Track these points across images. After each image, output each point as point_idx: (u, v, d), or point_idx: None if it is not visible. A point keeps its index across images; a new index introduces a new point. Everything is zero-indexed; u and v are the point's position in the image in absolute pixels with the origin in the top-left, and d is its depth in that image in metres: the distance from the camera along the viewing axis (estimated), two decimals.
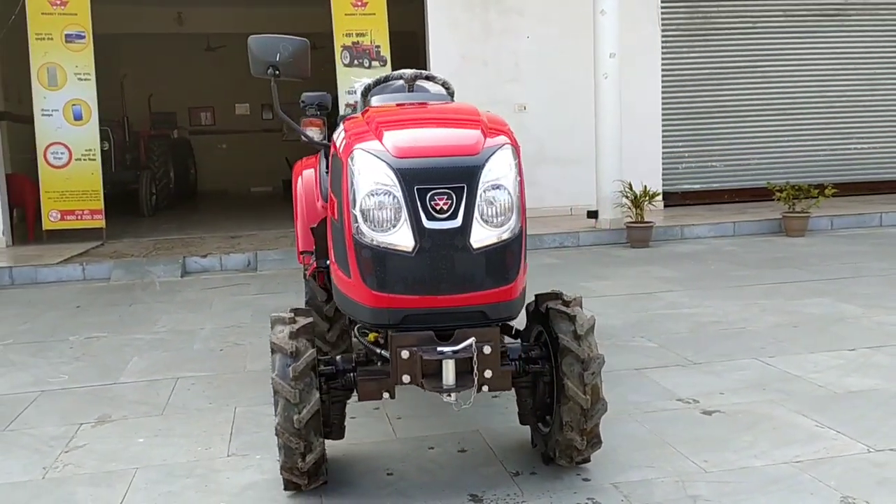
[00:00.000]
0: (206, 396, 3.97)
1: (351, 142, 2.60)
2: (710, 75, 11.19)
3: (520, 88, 10.34)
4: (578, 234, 8.88)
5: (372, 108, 3.04)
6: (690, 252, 8.05)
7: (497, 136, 2.62)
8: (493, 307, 2.55)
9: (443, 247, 2.46)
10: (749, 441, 3.17)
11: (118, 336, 5.32)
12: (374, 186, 2.47)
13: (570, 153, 10.41)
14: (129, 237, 9.85)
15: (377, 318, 2.56)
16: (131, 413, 3.76)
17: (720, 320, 5.16)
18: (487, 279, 2.52)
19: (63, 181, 9.35)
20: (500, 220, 2.52)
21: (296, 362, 2.61)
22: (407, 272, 2.48)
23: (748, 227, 9.29)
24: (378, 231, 2.47)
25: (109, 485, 2.95)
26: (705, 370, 4.12)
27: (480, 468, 3.01)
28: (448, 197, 2.46)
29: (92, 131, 9.46)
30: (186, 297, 6.66)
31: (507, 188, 2.53)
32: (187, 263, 7.97)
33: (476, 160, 2.51)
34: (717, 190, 11.40)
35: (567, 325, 2.77)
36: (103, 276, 7.69)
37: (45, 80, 9.23)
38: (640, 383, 3.93)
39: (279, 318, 2.77)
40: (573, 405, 2.72)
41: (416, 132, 2.71)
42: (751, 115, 11.39)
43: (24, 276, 7.67)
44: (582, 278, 6.80)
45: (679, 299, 5.83)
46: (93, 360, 4.72)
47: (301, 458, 2.63)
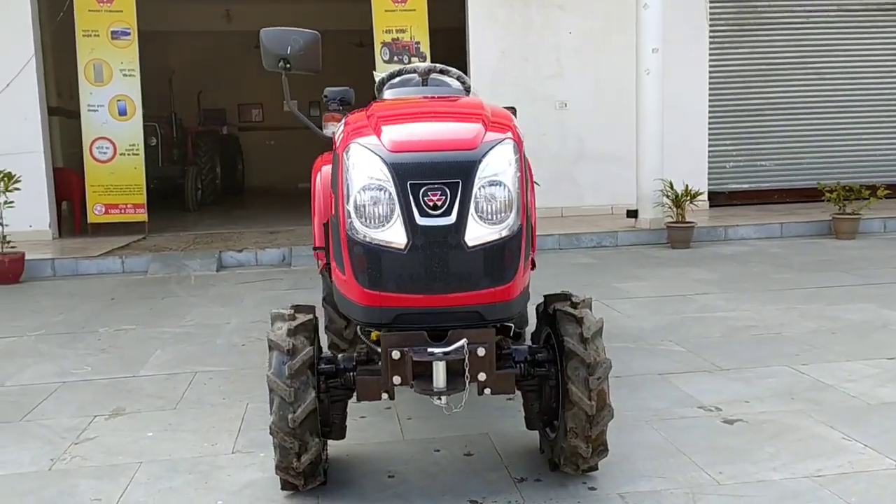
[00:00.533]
0: (221, 392, 3.96)
1: (348, 136, 2.54)
2: (760, 71, 10.87)
3: (560, 85, 10.18)
4: (617, 233, 8.70)
5: (376, 103, 2.97)
6: (733, 254, 7.82)
7: (498, 131, 2.52)
8: (488, 307, 2.45)
9: (436, 244, 2.38)
10: (770, 453, 3.02)
11: (146, 329, 5.36)
12: (368, 181, 2.40)
13: (611, 151, 10.22)
14: (171, 231, 9.99)
15: (369, 316, 2.49)
16: (145, 406, 3.77)
17: (755, 325, 4.98)
18: (483, 278, 2.42)
19: (107, 175, 9.53)
20: (498, 218, 2.41)
21: (292, 360, 2.56)
22: (399, 270, 2.39)
23: (796, 228, 8.99)
24: (371, 227, 2.40)
25: (112, 478, 2.95)
26: (733, 377, 3.96)
27: (484, 473, 2.92)
28: (442, 193, 2.37)
29: (136, 127, 9.63)
30: (219, 292, 6.70)
31: (506, 184, 2.42)
32: (223, 258, 8.04)
33: (472, 155, 2.41)
34: (766, 190, 11.08)
35: (573, 327, 2.66)
36: (141, 269, 7.80)
37: (91, 76, 9.42)
38: (661, 389, 3.79)
39: (279, 315, 2.73)
40: (578, 411, 2.61)
41: (414, 126, 2.62)
42: (802, 113, 11.04)
43: (66, 268, 7.82)
44: (616, 279, 6.64)
45: (714, 302, 5.65)
46: (118, 353, 4.76)
47: (296, 458, 2.58)
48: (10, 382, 4.22)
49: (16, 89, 9.24)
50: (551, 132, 10.19)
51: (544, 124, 10.14)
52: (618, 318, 5.23)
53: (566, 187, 10.16)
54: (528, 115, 10.01)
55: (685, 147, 10.21)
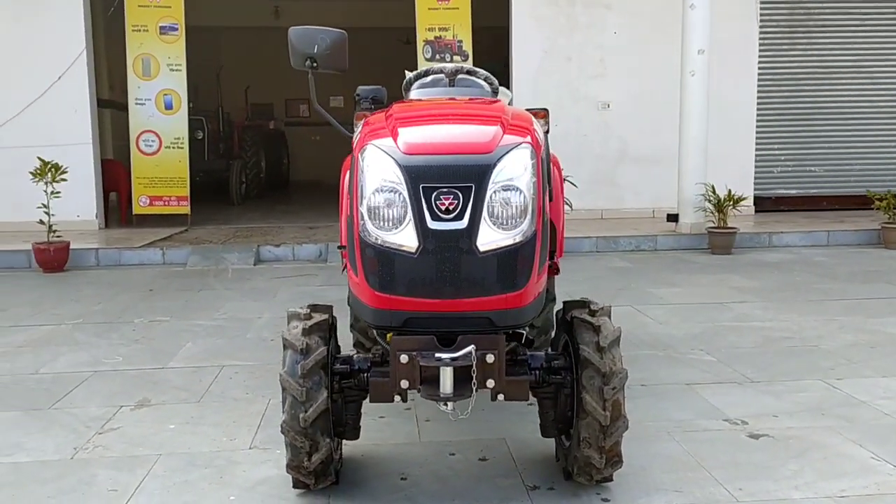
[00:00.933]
0: (245, 386, 4.00)
1: (365, 137, 2.53)
2: (812, 74, 10.60)
3: (604, 85, 10.06)
4: (656, 237, 8.56)
5: (397, 104, 2.96)
6: (775, 261, 7.64)
7: (516, 134, 2.49)
8: (499, 314, 2.42)
9: (447, 248, 2.35)
10: (793, 470, 2.93)
11: (180, 321, 5.45)
12: (381, 183, 2.38)
13: (653, 153, 10.06)
14: (212, 224, 10.13)
15: (379, 319, 2.48)
16: (170, 399, 3.82)
17: (792, 336, 4.85)
18: (495, 284, 2.39)
19: (153, 168, 9.72)
20: (512, 223, 2.38)
21: (305, 360, 2.56)
22: (410, 274, 2.38)
23: (844, 236, 8.75)
24: (383, 230, 2.38)
25: (131, 470, 3.00)
26: (763, 389, 3.86)
27: (498, 479, 2.89)
28: (454, 197, 2.34)
29: (181, 120, 9.79)
30: (254, 286, 6.78)
31: (522, 189, 2.38)
32: (261, 252, 8.13)
33: (487, 159, 2.38)
34: (814, 196, 10.80)
35: (590, 335, 2.62)
36: (181, 261, 7.93)
37: (139, 69, 9.60)
38: (687, 400, 3.71)
39: (294, 314, 2.74)
40: (591, 421, 2.57)
41: (430, 129, 2.60)
42: (854, 118, 10.73)
43: (109, 258, 7.99)
44: (651, 284, 6.54)
45: (751, 311, 5.52)
46: (149, 344, 4.85)
47: (307, 458, 2.59)
48: (44, 370, 4.32)
49: (67, 82, 9.47)
50: (593, 133, 10.09)
51: (586, 125, 10.04)
52: (649, 325, 5.15)
53: (607, 189, 10.04)
54: (570, 115, 9.95)
55: (731, 151, 10.01)
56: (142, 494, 2.80)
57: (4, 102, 9.39)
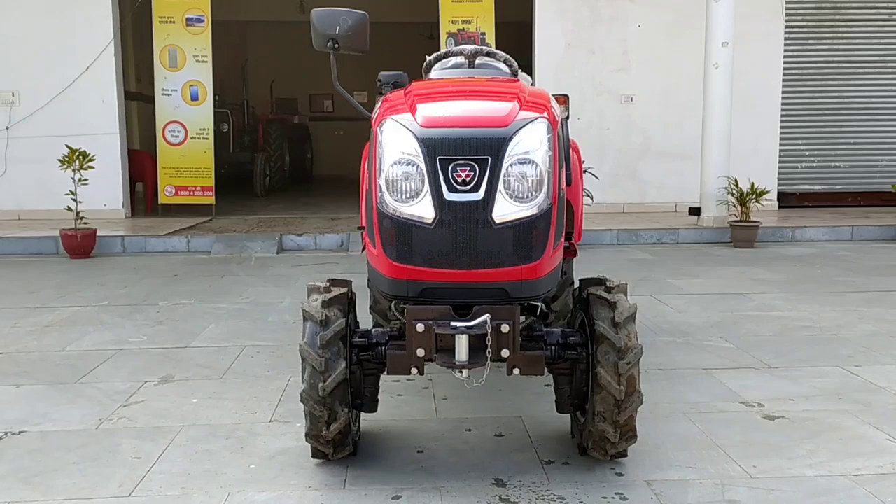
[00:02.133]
0: (267, 365, 4.06)
1: (383, 112, 2.58)
2: (838, 69, 10.51)
3: (627, 78, 10.03)
4: (678, 230, 8.54)
5: (416, 82, 3.00)
6: (798, 255, 7.59)
7: (533, 110, 2.52)
8: (514, 285, 2.45)
9: (463, 220, 2.39)
10: (808, 450, 2.94)
11: (203, 304, 5.53)
12: (399, 156, 2.43)
13: (677, 147, 10.03)
14: (237, 215, 10.25)
15: (396, 289, 2.53)
16: (193, 375, 3.89)
17: (811, 325, 4.83)
18: (510, 256, 2.43)
19: (178, 158, 9.84)
20: (528, 196, 2.41)
21: (324, 331, 2.62)
22: (426, 244, 2.42)
23: (868, 232, 8.68)
24: (401, 201, 2.43)
25: (153, 439, 3.07)
26: (780, 375, 3.86)
27: (513, 454, 2.93)
28: (471, 169, 2.38)
29: (207, 111, 9.90)
30: (276, 273, 6.86)
31: (537, 163, 2.42)
32: (284, 241, 8.22)
33: (503, 132, 2.42)
34: (839, 192, 10.72)
35: (606, 311, 2.64)
36: (205, 249, 8.04)
37: (166, 61, 9.72)
38: (704, 383, 3.72)
39: (315, 287, 2.79)
40: (606, 395, 2.59)
41: (448, 104, 2.64)
42: (880, 114, 10.64)
43: (135, 245, 8.12)
44: (671, 275, 6.53)
45: (772, 302, 5.50)
46: (173, 325, 4.93)
47: (325, 427, 2.64)
48: (70, 347, 4.42)
49: (95, 72, 9.63)
50: (616, 126, 10.07)
51: (609, 118, 10.03)
52: (668, 314, 5.16)
53: (629, 183, 10.03)
54: (592, 108, 9.94)
55: (756, 145, 9.96)
56: (164, 462, 2.87)
57: (35, 92, 9.57)
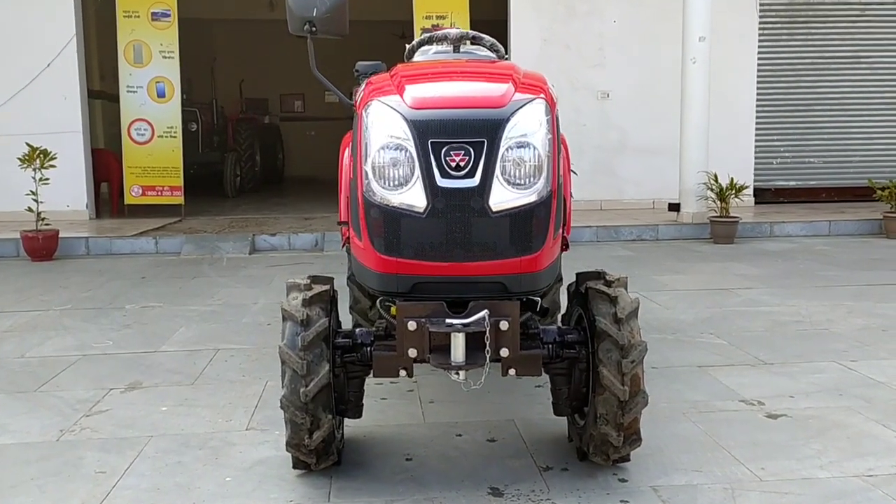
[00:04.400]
0: (241, 369, 3.85)
1: (369, 95, 2.39)
2: (812, 65, 10.50)
3: (603, 74, 9.93)
4: (658, 226, 8.44)
5: (401, 65, 2.82)
6: (778, 250, 7.53)
7: (529, 91, 2.35)
8: (513, 278, 2.28)
9: (457, 208, 2.21)
10: (816, 450, 2.80)
11: (173, 306, 5.29)
12: (387, 140, 2.24)
13: (654, 144, 9.94)
14: (207, 215, 9.97)
15: (385, 284, 2.34)
16: (163, 381, 3.67)
17: (801, 320, 4.73)
18: (508, 247, 2.25)
19: (145, 157, 9.54)
20: (527, 182, 2.24)
21: (305, 331, 2.42)
22: (418, 235, 2.23)
23: (845, 226, 8.65)
24: (389, 189, 2.24)
25: (120, 451, 2.85)
26: (776, 371, 3.73)
27: (508, 460, 2.75)
28: (465, 153, 2.20)
29: (174, 109, 9.60)
30: (249, 273, 6.63)
31: (536, 146, 2.24)
32: (256, 241, 7.97)
33: (499, 113, 2.24)
34: (814, 188, 10.70)
35: (607, 306, 2.48)
36: (174, 250, 7.77)
37: (130, 56, 9.42)
38: (700, 381, 3.58)
39: (294, 285, 2.60)
40: (609, 396, 2.43)
41: (439, 85, 2.46)
42: (854, 109, 10.64)
43: (100, 247, 7.82)
44: (655, 271, 6.41)
45: (759, 297, 5.40)
46: (141, 329, 4.69)
47: (308, 435, 2.44)
48: (30, 354, 4.17)
49: (56, 69, 9.29)
50: (592, 123, 9.96)
51: (585, 115, 9.91)
52: (655, 310, 5.02)
53: (606, 180, 9.92)
54: (568, 104, 9.79)
55: (731, 142, 9.90)
56: (132, 476, 2.65)
57: None
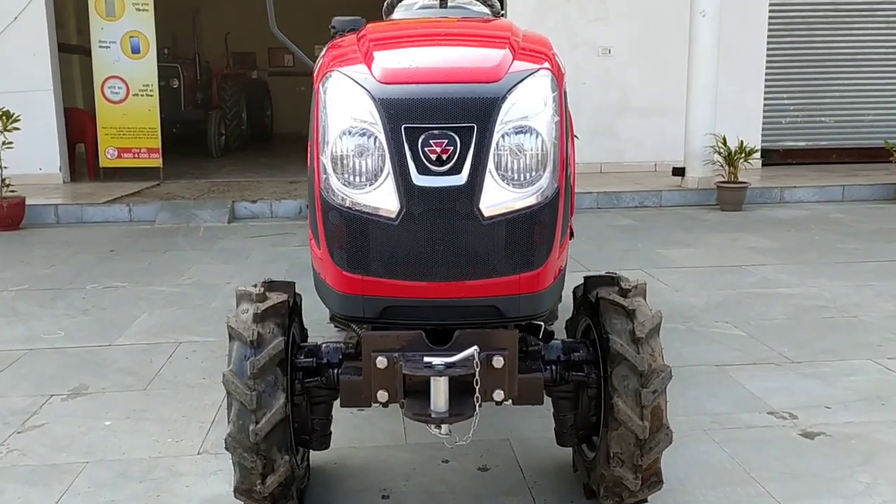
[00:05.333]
0: (202, 369, 3.42)
1: (329, 64, 1.91)
2: (824, 18, 9.92)
3: (605, 29, 9.34)
4: (661, 192, 7.98)
5: (373, 24, 2.31)
6: (790, 218, 7.09)
7: (531, 60, 1.87)
8: (510, 300, 1.82)
9: (439, 212, 1.74)
10: (866, 483, 2.40)
11: (138, 287, 4.85)
12: (350, 124, 1.76)
13: (657, 103, 9.41)
14: (187, 178, 9.46)
15: (348, 307, 1.88)
16: (112, 385, 3.24)
17: (825, 305, 4.31)
18: (504, 261, 1.79)
19: (120, 117, 8.98)
20: (527, 178, 1.77)
21: (256, 355, 1.98)
22: (389, 247, 1.77)
23: (859, 191, 8.20)
24: (352, 187, 1.77)
25: (46, 484, 2.43)
26: (806, 372, 3.32)
27: (502, 496, 2.34)
28: (449, 141, 1.73)
29: (150, 66, 9.01)
30: (226, 246, 6.17)
31: (539, 132, 1.77)
32: (236, 208, 7.50)
33: (493, 90, 1.75)
34: (824, 149, 10.24)
35: (623, 322, 2.04)
36: (149, 218, 7.31)
37: (102, 9, 8.80)
38: (720, 385, 3.16)
39: (245, 294, 2.15)
40: (625, 432, 2.00)
41: (416, 52, 1.96)
42: (868, 65, 10.10)
43: (70, 215, 7.34)
44: (660, 244, 5.97)
45: (775, 275, 4.97)
46: (100, 315, 4.25)
47: (260, 480, 2.01)
48: None
49: (24, 23, 8.69)
50: (592, 81, 9.40)
51: (585, 72, 9.34)
52: (664, 292, 4.60)
53: (606, 141, 9.40)
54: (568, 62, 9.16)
55: (739, 100, 9.37)
56: None
57: None
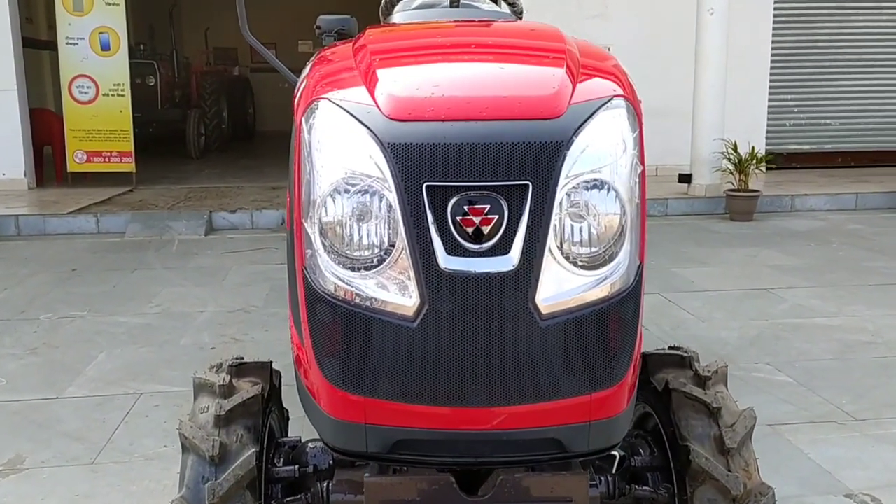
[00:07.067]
0: (164, 431, 2.90)
1: (314, 87, 1.39)
2: (830, 18, 9.53)
3: (605, 26, 8.86)
4: (667, 200, 7.53)
5: (372, 29, 1.78)
6: (806, 230, 6.65)
7: (597, 82, 1.35)
8: (576, 430, 1.29)
9: (477, 310, 1.21)
10: None
11: (98, 317, 4.31)
12: (345, 177, 1.23)
13: (659, 104, 8.84)
14: (163, 183, 8.91)
15: (345, 438, 1.33)
16: (54, 456, 2.71)
17: (872, 341, 3.84)
18: (569, 377, 1.27)
19: (89, 119, 8.42)
20: (602, 255, 1.26)
21: (218, 476, 1.47)
22: (403, 359, 1.24)
23: (873, 199, 7.81)
24: (350, 269, 1.25)
25: None
26: (874, 433, 2.85)
27: None
28: (493, 207, 1.20)
29: (121, 64, 8.45)
30: (200, 263, 5.64)
31: (617, 189, 1.25)
32: (214, 219, 6.97)
33: (554, 129, 1.22)
34: (830, 152, 9.87)
35: (705, 424, 1.53)
36: (118, 230, 6.76)
37: (69, 3, 8.24)
38: (780, 455, 2.69)
39: (204, 384, 1.64)
40: None
41: (440, 71, 1.41)
42: (875, 65, 9.75)
43: (32, 227, 6.78)
44: (672, 261, 5.50)
45: (807, 301, 4.51)
46: (50, 355, 3.72)
47: None
48: None
49: None
50: None
51: None
52: (689, 323, 4.13)
53: None
54: None
55: (743, 102, 8.94)
56: None
57: None
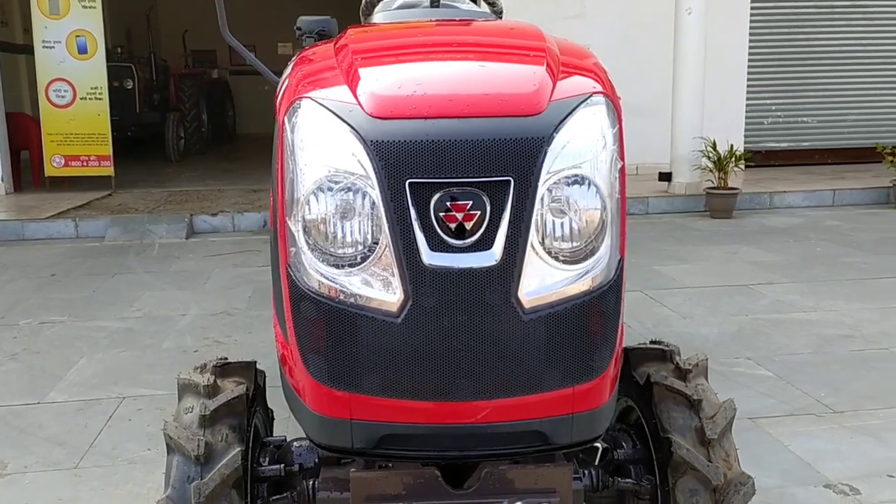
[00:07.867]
0: (147, 435, 2.89)
1: (296, 86, 1.40)
2: (807, 16, 9.64)
3: (583, 26, 8.92)
4: (647, 199, 7.58)
5: (354, 28, 1.80)
6: (785, 227, 6.72)
7: (577, 80, 1.38)
8: (559, 423, 1.31)
9: (460, 305, 1.24)
10: None
11: (79, 322, 4.29)
12: (328, 175, 1.25)
13: (638, 103, 8.89)
14: (142, 187, 8.86)
15: (330, 434, 1.35)
16: (37, 461, 2.70)
17: (850, 334, 3.90)
18: (551, 369, 1.29)
19: (67, 122, 8.36)
20: (584, 249, 1.29)
21: (204, 475, 1.47)
22: (388, 354, 1.26)
23: (850, 196, 7.89)
24: (334, 267, 1.27)
25: None
26: (852, 425, 2.89)
27: None
28: (475, 203, 1.23)
29: (98, 67, 8.39)
30: (182, 267, 5.62)
31: (597, 184, 1.27)
32: (195, 222, 6.94)
33: (535, 126, 1.25)
34: (807, 149, 9.98)
35: (685, 416, 1.56)
36: (98, 235, 6.72)
37: (45, 6, 8.18)
38: (761, 447, 2.72)
39: (189, 385, 1.65)
40: None
41: (422, 69, 1.43)
42: (851, 64, 9.87)
43: (9, 232, 6.72)
44: (653, 259, 5.54)
45: (786, 296, 4.56)
46: (31, 361, 3.69)
47: None
48: None
49: None
50: None
51: None
52: (671, 320, 4.16)
53: None
54: None
55: (721, 101, 9.03)
56: None
57: None
